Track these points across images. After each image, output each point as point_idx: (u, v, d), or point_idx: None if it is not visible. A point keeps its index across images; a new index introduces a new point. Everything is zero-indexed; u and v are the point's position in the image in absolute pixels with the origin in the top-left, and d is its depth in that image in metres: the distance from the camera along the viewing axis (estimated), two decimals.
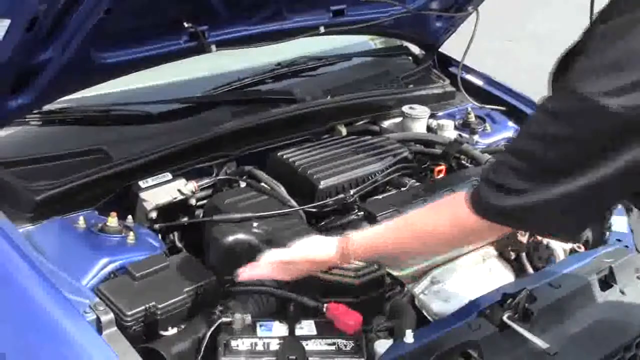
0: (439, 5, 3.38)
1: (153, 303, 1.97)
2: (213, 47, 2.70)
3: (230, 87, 3.07)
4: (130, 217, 2.35)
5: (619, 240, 2.43)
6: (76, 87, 2.51)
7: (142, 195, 2.43)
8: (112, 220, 2.24)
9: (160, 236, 2.38)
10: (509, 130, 3.18)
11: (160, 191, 2.46)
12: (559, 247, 2.46)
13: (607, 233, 2.52)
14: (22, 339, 1.87)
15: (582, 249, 2.51)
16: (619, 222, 2.54)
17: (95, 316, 1.87)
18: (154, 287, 2.04)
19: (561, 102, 1.53)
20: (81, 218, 2.27)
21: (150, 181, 2.46)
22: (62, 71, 2.26)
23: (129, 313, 1.93)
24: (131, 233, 2.23)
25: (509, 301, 1.97)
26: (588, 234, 2.55)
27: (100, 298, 1.96)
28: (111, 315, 1.89)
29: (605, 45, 1.46)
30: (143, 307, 1.96)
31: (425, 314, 2.27)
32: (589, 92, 1.44)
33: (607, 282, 2.21)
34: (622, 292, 2.20)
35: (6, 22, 1.86)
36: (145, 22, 2.51)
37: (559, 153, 1.52)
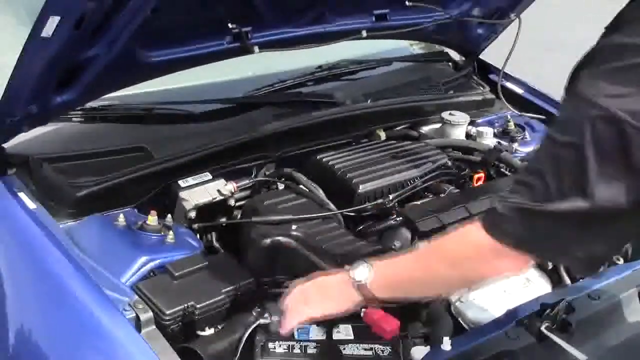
0: (481, 12, 3.37)
1: (192, 303, 1.97)
2: (256, 48, 2.71)
3: (271, 89, 3.07)
4: (169, 216, 2.35)
5: None
6: (120, 85, 2.54)
7: (182, 194, 2.44)
8: (152, 219, 2.25)
9: (198, 236, 2.39)
10: None
11: (199, 191, 2.46)
12: None
13: None
14: (63, 334, 1.88)
15: (621, 261, 2.48)
16: None
17: (134, 314, 1.89)
18: (193, 286, 2.05)
19: (566, 109, 1.50)
20: (121, 215, 2.27)
21: (190, 181, 2.47)
22: (107, 69, 2.28)
23: (168, 312, 1.94)
24: (170, 232, 2.23)
25: (547, 311, 1.95)
26: (627, 245, 2.53)
27: (140, 296, 1.97)
28: (150, 314, 1.91)
29: (615, 56, 1.43)
30: (182, 307, 1.96)
31: (461, 321, 2.26)
32: (592, 94, 1.41)
33: None
34: None
35: (56, 20, 1.88)
36: (190, 22, 2.53)
37: (565, 164, 1.46)
